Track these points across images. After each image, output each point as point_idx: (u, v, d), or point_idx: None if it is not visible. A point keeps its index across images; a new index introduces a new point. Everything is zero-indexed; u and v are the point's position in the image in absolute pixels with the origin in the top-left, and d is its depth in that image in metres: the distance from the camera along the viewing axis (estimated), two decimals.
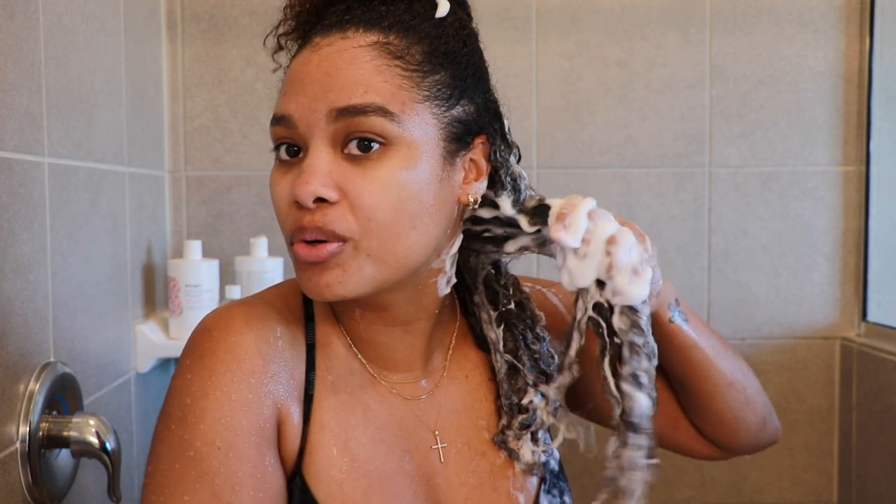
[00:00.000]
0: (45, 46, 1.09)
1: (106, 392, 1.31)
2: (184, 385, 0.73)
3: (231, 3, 1.69)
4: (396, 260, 0.73)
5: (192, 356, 0.74)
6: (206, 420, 0.71)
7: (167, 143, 1.70)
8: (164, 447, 0.72)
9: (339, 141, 0.72)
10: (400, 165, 0.71)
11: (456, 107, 0.75)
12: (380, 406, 0.81)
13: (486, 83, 0.81)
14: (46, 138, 1.09)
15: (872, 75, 1.71)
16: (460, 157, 0.77)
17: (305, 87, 0.73)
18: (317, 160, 0.71)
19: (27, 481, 0.99)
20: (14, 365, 0.99)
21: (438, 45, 0.75)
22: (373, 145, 0.71)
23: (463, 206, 0.78)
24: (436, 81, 0.74)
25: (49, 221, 1.10)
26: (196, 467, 0.70)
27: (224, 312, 0.76)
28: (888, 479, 1.57)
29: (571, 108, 1.73)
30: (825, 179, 1.75)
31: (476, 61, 0.79)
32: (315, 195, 0.70)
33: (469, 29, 0.80)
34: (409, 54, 0.73)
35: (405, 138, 0.72)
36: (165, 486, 0.71)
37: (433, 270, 0.79)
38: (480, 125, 0.78)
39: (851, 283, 1.76)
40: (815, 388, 1.77)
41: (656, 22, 1.72)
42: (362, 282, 0.73)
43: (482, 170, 0.79)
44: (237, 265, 1.56)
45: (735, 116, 1.74)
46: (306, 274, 0.73)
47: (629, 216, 1.74)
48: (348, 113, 0.71)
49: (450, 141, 0.75)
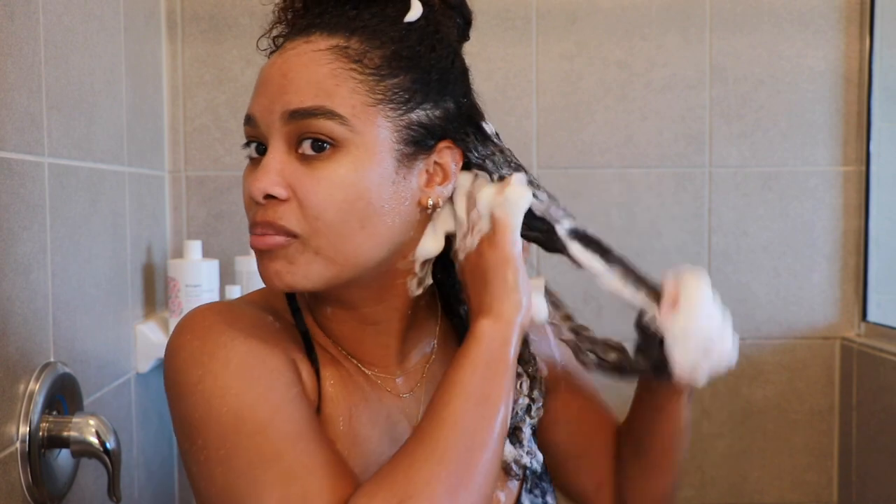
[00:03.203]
0: (45, 46, 1.09)
1: (106, 392, 1.31)
2: (193, 352, 0.73)
3: (231, 3, 1.69)
4: (346, 259, 0.75)
5: (192, 331, 0.75)
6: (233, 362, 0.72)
7: (167, 143, 1.70)
8: (198, 412, 0.71)
9: (294, 141, 0.74)
10: (348, 167, 0.73)
11: (416, 110, 0.76)
12: (371, 393, 0.82)
13: (460, 87, 0.81)
14: (46, 138, 1.10)
15: (872, 75, 1.71)
16: (421, 160, 0.77)
17: (266, 90, 0.76)
18: (271, 159, 0.74)
19: (27, 481, 1.00)
20: (14, 365, 0.99)
21: (400, 49, 0.76)
22: (325, 146, 0.73)
23: (425, 209, 0.78)
24: (393, 85, 0.75)
25: (49, 221, 1.10)
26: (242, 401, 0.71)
27: (213, 303, 0.79)
28: (888, 479, 1.57)
29: (571, 108, 1.73)
30: (825, 179, 1.75)
31: (444, 65, 0.79)
32: (264, 192, 0.73)
33: (443, 33, 0.80)
34: (367, 58, 0.74)
35: (355, 140, 0.73)
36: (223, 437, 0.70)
37: (400, 271, 0.80)
38: (446, 129, 0.78)
39: (851, 283, 1.76)
40: (815, 388, 1.77)
41: (656, 22, 1.72)
42: (312, 277, 0.75)
43: (449, 174, 0.79)
44: (237, 265, 1.56)
45: (735, 116, 1.74)
46: (260, 263, 0.77)
47: (629, 216, 1.74)
48: (299, 115, 0.73)
49: (406, 144, 0.75)
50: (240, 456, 0.69)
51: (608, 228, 1.74)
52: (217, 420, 0.71)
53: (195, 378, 0.72)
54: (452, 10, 0.82)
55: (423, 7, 0.78)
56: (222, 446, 0.70)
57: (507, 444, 0.86)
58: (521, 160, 0.86)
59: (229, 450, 0.70)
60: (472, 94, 0.82)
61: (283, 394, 0.72)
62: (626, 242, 1.74)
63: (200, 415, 0.71)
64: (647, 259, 1.73)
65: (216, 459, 0.70)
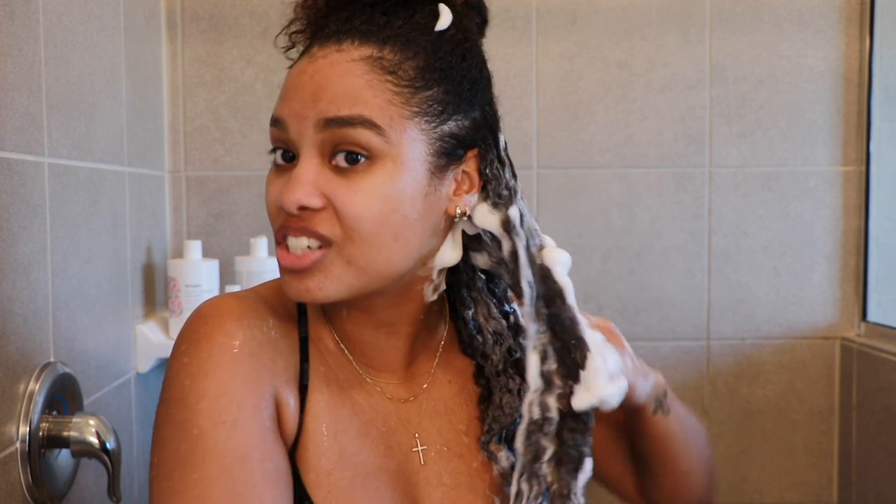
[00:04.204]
0: (45, 46, 1.09)
1: (106, 392, 1.31)
2: (181, 368, 0.73)
3: (231, 3, 1.69)
4: (377, 270, 0.75)
5: (187, 341, 0.75)
6: (207, 397, 0.72)
7: (167, 143, 1.70)
8: (167, 431, 0.72)
9: (328, 151, 0.73)
10: (385, 179, 0.73)
11: (448, 122, 0.76)
12: (366, 402, 0.82)
13: (486, 95, 0.81)
14: (46, 138, 1.10)
15: (872, 75, 1.71)
16: (451, 171, 0.77)
17: (297, 95, 0.75)
18: (304, 170, 0.73)
19: (27, 481, 0.99)
20: (14, 365, 0.99)
21: (434, 61, 0.75)
22: (360, 158, 0.72)
23: (451, 218, 0.78)
24: (427, 98, 0.74)
25: (49, 221, 1.10)
26: (202, 444, 0.71)
27: (219, 300, 0.78)
28: (888, 479, 1.57)
29: (571, 108, 1.73)
30: (825, 179, 1.75)
31: (474, 75, 0.79)
32: (299, 204, 0.72)
33: (472, 40, 0.80)
34: (401, 69, 0.74)
35: (391, 152, 0.73)
36: (173, 469, 0.71)
37: (419, 278, 0.80)
38: (474, 138, 0.78)
39: (851, 283, 1.76)
40: (815, 388, 1.77)
41: (656, 22, 1.72)
42: (342, 288, 0.75)
43: (475, 182, 0.79)
44: (237, 265, 1.56)
45: (735, 116, 1.74)
46: (287, 278, 0.76)
47: (629, 216, 1.74)
48: (335, 124, 0.72)
49: (439, 156, 0.75)
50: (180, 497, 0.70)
51: (608, 228, 1.74)
52: (173, 452, 0.71)
53: (173, 400, 0.73)
54: (472, 11, 0.82)
55: (451, 14, 0.78)
56: (168, 477, 0.71)
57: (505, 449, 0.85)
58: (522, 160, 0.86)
59: (175, 486, 0.71)
60: (494, 102, 0.82)
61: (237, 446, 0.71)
62: (626, 242, 1.74)
63: (164, 437, 0.73)
64: (647, 259, 1.74)
65: (162, 485, 0.72)
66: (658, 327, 1.75)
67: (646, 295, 1.75)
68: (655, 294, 1.74)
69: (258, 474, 0.72)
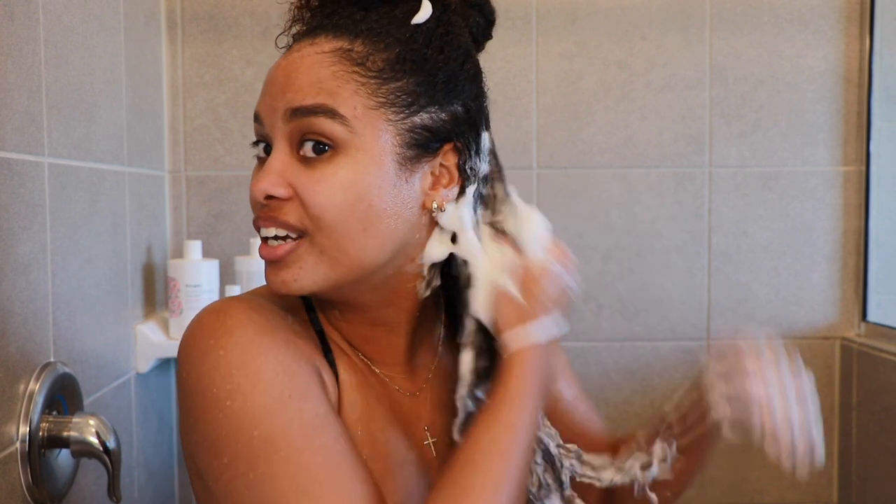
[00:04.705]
0: (45, 46, 1.09)
1: (106, 392, 1.31)
2: (219, 361, 0.70)
3: (231, 3, 1.69)
4: (349, 260, 0.75)
5: (213, 335, 0.72)
6: (263, 379, 0.70)
7: (167, 143, 1.70)
8: (228, 428, 0.69)
9: (295, 142, 0.74)
10: (347, 169, 0.73)
11: (420, 113, 0.75)
12: (384, 394, 0.83)
13: (470, 90, 0.79)
14: (46, 138, 1.10)
15: (872, 75, 1.71)
16: (425, 163, 0.76)
17: (271, 89, 0.76)
18: (273, 161, 0.75)
19: (27, 481, 0.99)
20: (14, 365, 0.99)
21: (405, 52, 0.75)
22: (325, 148, 0.73)
23: (430, 212, 0.78)
24: (395, 89, 0.74)
25: (49, 221, 1.10)
26: (277, 422, 0.68)
27: (228, 300, 0.77)
28: (888, 479, 1.57)
29: (571, 108, 1.73)
30: (825, 179, 1.75)
31: (453, 68, 0.78)
32: (265, 193, 0.74)
33: (453, 35, 0.79)
34: (369, 61, 0.74)
35: (356, 142, 0.73)
36: (256, 458, 0.67)
37: (409, 275, 0.80)
38: (451, 133, 0.77)
39: (851, 283, 1.76)
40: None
41: (656, 22, 1.72)
42: (317, 279, 0.75)
43: (454, 177, 0.79)
44: (237, 265, 1.56)
45: (735, 116, 1.74)
46: (267, 270, 0.77)
47: (629, 216, 1.74)
48: (300, 113, 0.73)
49: (408, 147, 0.75)
50: (273, 483, 0.67)
51: (608, 228, 1.74)
52: (247, 443, 0.68)
53: (223, 393, 0.69)
54: (473, 10, 0.81)
55: (435, 8, 0.77)
56: (252, 470, 0.68)
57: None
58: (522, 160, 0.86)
59: (260, 475, 0.67)
60: (483, 98, 0.81)
61: (314, 415, 0.70)
62: (625, 242, 1.74)
63: (228, 433, 0.69)
64: (647, 259, 1.74)
65: (244, 482, 0.68)
66: (658, 327, 1.75)
67: (646, 295, 1.75)
68: (655, 294, 1.74)
69: (339, 428, 0.71)
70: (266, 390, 0.69)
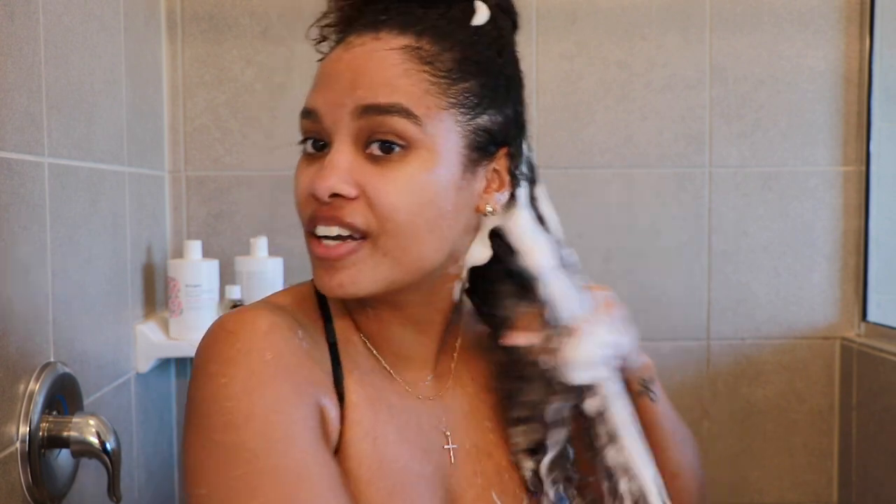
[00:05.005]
0: (45, 46, 1.09)
1: (106, 392, 1.31)
2: (219, 390, 0.68)
3: (231, 3, 1.69)
4: (411, 262, 0.74)
5: (218, 360, 0.70)
6: (256, 417, 0.68)
7: (167, 143, 1.70)
8: (214, 459, 0.67)
9: (362, 140, 0.72)
10: (419, 169, 0.72)
11: (482, 115, 0.76)
12: (400, 403, 0.81)
13: (518, 94, 0.81)
14: (46, 138, 1.10)
15: (872, 75, 1.71)
16: (482, 167, 0.77)
17: (333, 84, 0.74)
18: (338, 157, 0.72)
19: (27, 481, 0.99)
20: (14, 365, 0.99)
21: (470, 54, 0.75)
22: (394, 147, 0.72)
23: (481, 215, 0.79)
24: (463, 90, 0.74)
25: (49, 221, 1.10)
26: (258, 466, 0.67)
27: (242, 314, 0.74)
28: (888, 479, 1.57)
29: (571, 108, 1.73)
30: (825, 179, 1.75)
31: (509, 72, 0.79)
32: (332, 191, 0.71)
33: (507, 38, 0.80)
34: (439, 60, 0.74)
35: (426, 143, 0.72)
36: (230, 497, 0.66)
37: (450, 276, 0.80)
38: (506, 136, 0.78)
39: (851, 283, 1.76)
40: (815, 388, 1.77)
41: (656, 22, 1.72)
42: (376, 280, 0.73)
43: (505, 181, 0.79)
44: (237, 265, 1.56)
45: (735, 116, 1.74)
46: (320, 271, 0.75)
47: (629, 216, 1.74)
48: (372, 111, 0.71)
49: (472, 149, 0.75)
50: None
51: (608, 228, 1.74)
52: (226, 481, 0.66)
53: (217, 424, 0.68)
54: (504, 14, 0.81)
55: (487, 10, 0.78)
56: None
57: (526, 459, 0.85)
58: None
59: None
60: (524, 105, 0.82)
61: (298, 461, 0.68)
62: (626, 242, 1.74)
63: (210, 466, 0.67)
64: (647, 259, 1.74)
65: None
66: (658, 327, 1.75)
67: (646, 295, 1.75)
68: (655, 294, 1.74)
69: (318, 487, 0.68)
70: (255, 431, 0.67)
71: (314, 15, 0.82)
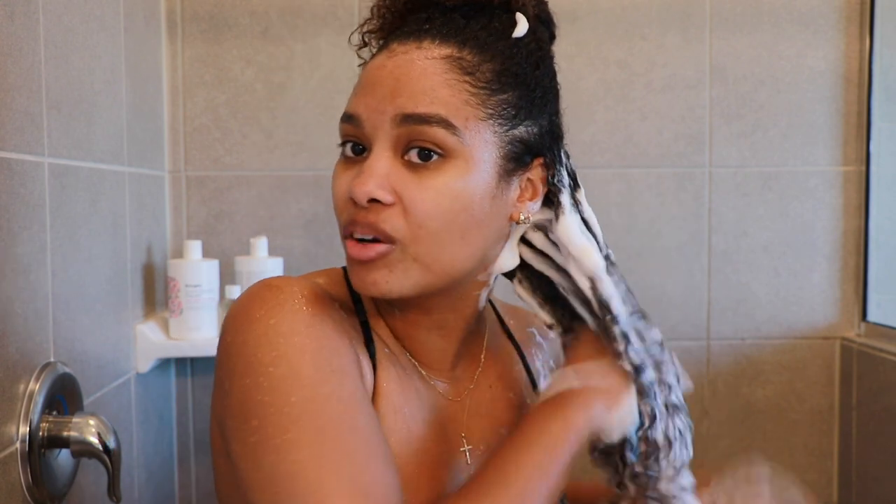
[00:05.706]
0: (45, 46, 1.09)
1: (106, 392, 1.31)
2: (267, 329, 0.71)
3: (231, 3, 1.69)
4: (442, 268, 0.75)
5: (263, 307, 0.72)
6: (309, 350, 0.70)
7: (167, 143, 1.70)
8: (264, 393, 0.68)
9: (401, 147, 0.74)
10: (455, 178, 0.73)
11: (519, 126, 0.77)
12: (425, 393, 0.83)
13: (554, 105, 0.82)
14: (46, 138, 1.10)
15: (872, 75, 1.71)
16: (517, 176, 0.78)
17: (375, 90, 0.75)
18: (377, 163, 0.73)
19: (27, 481, 0.99)
20: (14, 365, 0.99)
21: (510, 66, 0.76)
22: (432, 155, 0.73)
23: (513, 224, 0.80)
24: (502, 101, 0.75)
25: (49, 221, 1.10)
26: (318, 392, 0.68)
27: (284, 277, 0.77)
28: (888, 479, 1.57)
29: (571, 108, 1.71)
30: (825, 179, 1.75)
31: (546, 83, 0.80)
32: (370, 196, 0.72)
33: (545, 50, 0.81)
34: (479, 71, 0.75)
35: (464, 152, 0.73)
36: (288, 424, 0.67)
37: (478, 283, 0.82)
38: (541, 147, 0.79)
39: (851, 283, 1.76)
40: (815, 388, 1.77)
41: (656, 22, 1.72)
42: (407, 284, 0.75)
43: (538, 191, 0.80)
44: (237, 265, 1.56)
45: (735, 116, 1.74)
46: (354, 269, 0.76)
47: (629, 216, 1.74)
48: (412, 120, 0.73)
49: (508, 160, 0.76)
50: (299, 450, 0.66)
51: (608, 228, 1.73)
52: (282, 407, 0.68)
53: (268, 359, 0.69)
54: (542, 25, 0.82)
55: (527, 23, 0.78)
56: (280, 435, 0.67)
57: None
58: None
59: (288, 441, 0.67)
60: (560, 115, 0.83)
61: (351, 394, 0.71)
62: (626, 242, 1.74)
63: (264, 396, 0.68)
64: (647, 259, 1.74)
65: (269, 446, 0.67)
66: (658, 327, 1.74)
67: (646, 295, 1.74)
68: (655, 294, 1.74)
69: (372, 414, 0.71)
70: (311, 361, 0.70)
71: (314, 15, 0.83)
